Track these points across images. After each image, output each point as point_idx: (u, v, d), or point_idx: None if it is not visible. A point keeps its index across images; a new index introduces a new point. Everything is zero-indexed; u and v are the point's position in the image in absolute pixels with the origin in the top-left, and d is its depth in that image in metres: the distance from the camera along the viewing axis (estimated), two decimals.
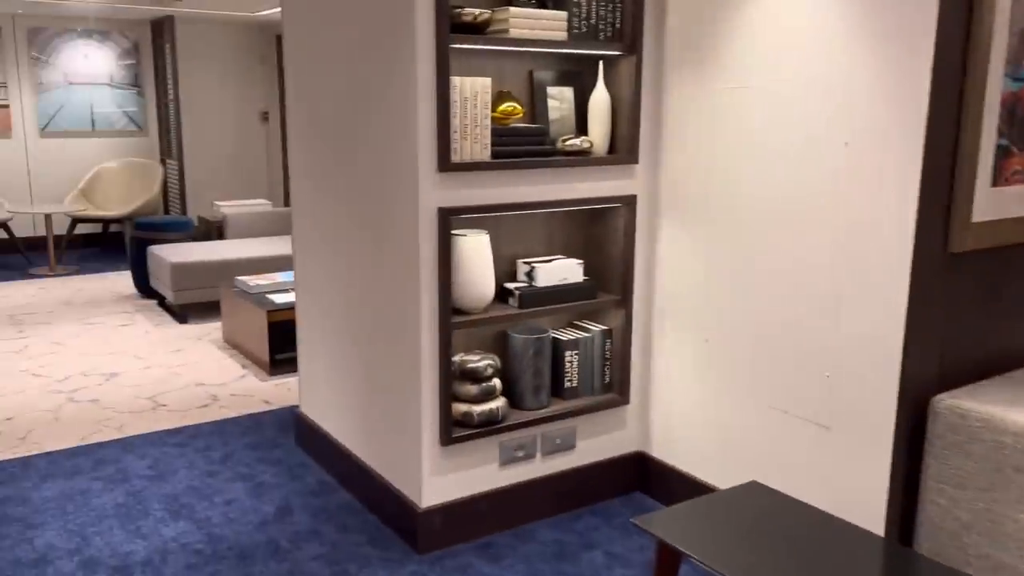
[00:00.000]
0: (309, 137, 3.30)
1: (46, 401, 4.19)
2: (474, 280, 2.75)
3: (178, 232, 6.42)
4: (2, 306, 6.13)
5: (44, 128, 8.35)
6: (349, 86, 2.94)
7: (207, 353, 5.02)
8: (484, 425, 2.82)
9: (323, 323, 3.35)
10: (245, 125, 9.17)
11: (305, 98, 3.30)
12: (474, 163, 2.65)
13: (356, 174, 2.96)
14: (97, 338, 5.32)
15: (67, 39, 8.35)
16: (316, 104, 3.21)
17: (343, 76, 2.97)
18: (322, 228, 3.27)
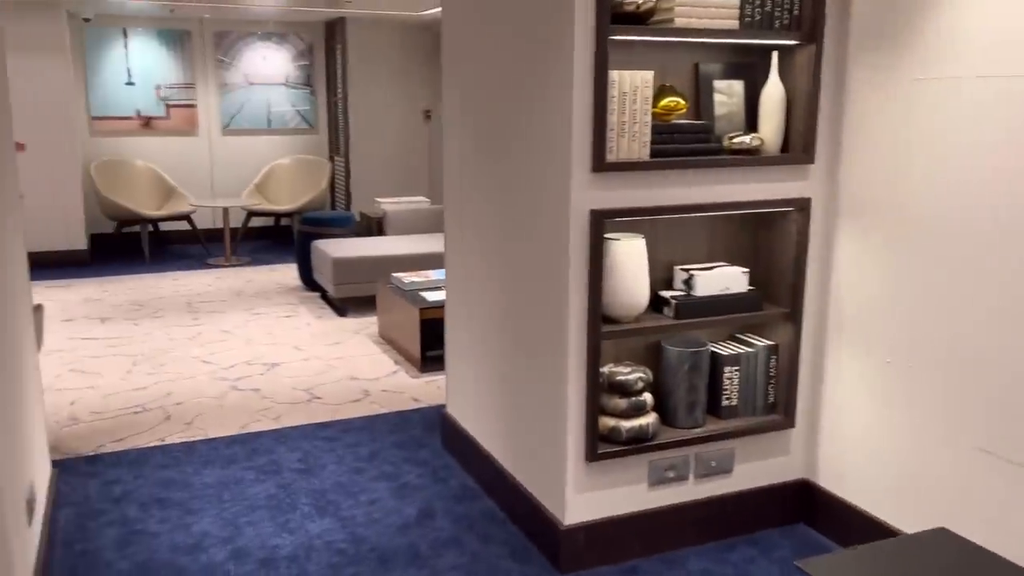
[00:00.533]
0: (462, 135, 3.24)
1: (213, 388, 4.38)
2: (627, 287, 2.58)
3: (340, 227, 6.61)
4: (182, 293, 6.53)
5: (226, 127, 8.88)
6: (503, 81, 2.84)
7: (363, 347, 5.11)
8: (633, 442, 2.64)
9: (470, 324, 3.28)
10: (408, 123, 9.37)
11: (460, 96, 3.24)
12: (631, 162, 2.48)
13: (507, 173, 2.86)
14: (262, 328, 5.54)
15: (248, 42, 8.83)
16: (470, 101, 3.14)
17: (497, 71, 2.88)
18: (472, 227, 3.20)
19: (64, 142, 7.45)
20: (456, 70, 3.26)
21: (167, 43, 8.51)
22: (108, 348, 5.07)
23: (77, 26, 8.13)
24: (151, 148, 8.60)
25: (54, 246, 7.55)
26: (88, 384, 4.42)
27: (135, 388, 4.36)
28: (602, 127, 2.41)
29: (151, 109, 8.54)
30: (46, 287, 6.74)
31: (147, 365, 4.74)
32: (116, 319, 5.75)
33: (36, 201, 7.43)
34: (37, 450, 2.73)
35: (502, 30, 2.81)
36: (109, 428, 3.82)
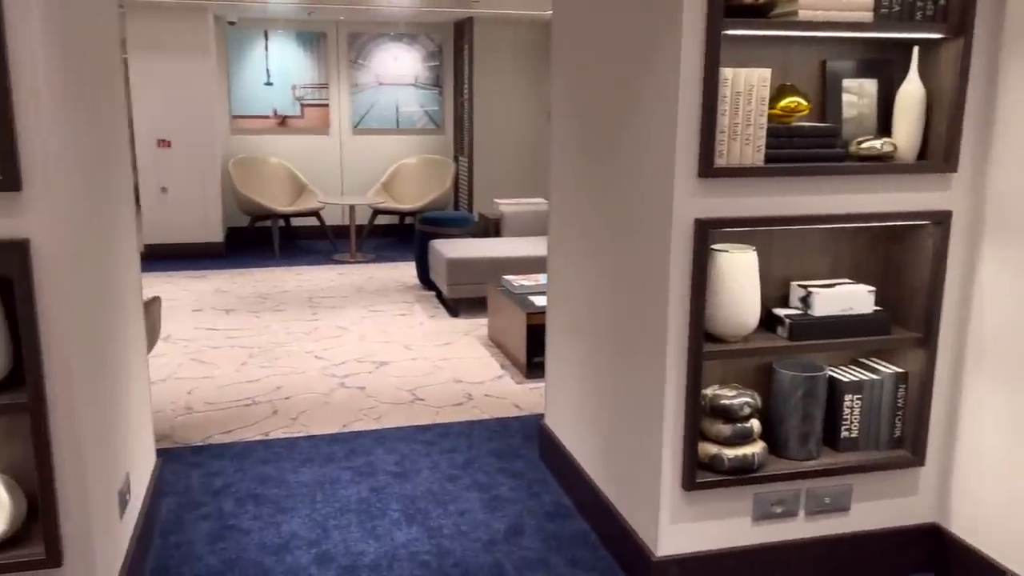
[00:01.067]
0: (567, 136, 3.10)
1: (322, 384, 4.43)
2: (735, 303, 2.37)
3: (458, 227, 6.61)
4: (305, 288, 6.71)
5: (356, 126, 9.09)
6: (607, 80, 2.68)
7: (471, 349, 5.06)
8: (736, 472, 2.43)
9: (570, 334, 3.14)
10: (532, 123, 9.30)
11: (566, 95, 3.10)
12: (743, 168, 2.27)
13: (609, 176, 2.70)
14: (377, 325, 5.59)
15: (380, 43, 9.00)
16: (575, 101, 3.00)
17: (601, 69, 2.72)
18: (574, 232, 3.06)
19: (206, 140, 7.82)
20: (563, 69, 3.12)
21: (304, 44, 8.80)
22: (228, 339, 5.24)
23: (222, 29, 8.52)
24: (285, 146, 8.92)
25: (194, 238, 7.94)
26: (205, 374, 4.56)
27: (248, 380, 4.47)
28: (711, 129, 2.22)
29: (287, 108, 8.86)
30: (183, 277, 7.09)
31: (262, 358, 4.86)
32: (240, 311, 5.95)
33: (179, 195, 7.83)
34: (141, 441, 2.80)
35: (608, 25, 2.65)
36: (219, 419, 3.92)
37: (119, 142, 2.65)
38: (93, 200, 2.23)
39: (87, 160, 2.18)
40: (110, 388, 2.36)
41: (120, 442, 2.46)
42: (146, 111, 7.63)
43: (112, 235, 2.47)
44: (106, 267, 2.37)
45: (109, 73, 2.54)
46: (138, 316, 2.89)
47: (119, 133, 2.66)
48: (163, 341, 5.18)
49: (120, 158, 2.66)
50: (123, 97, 2.77)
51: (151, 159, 7.72)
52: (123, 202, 2.69)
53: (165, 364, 4.73)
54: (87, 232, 2.14)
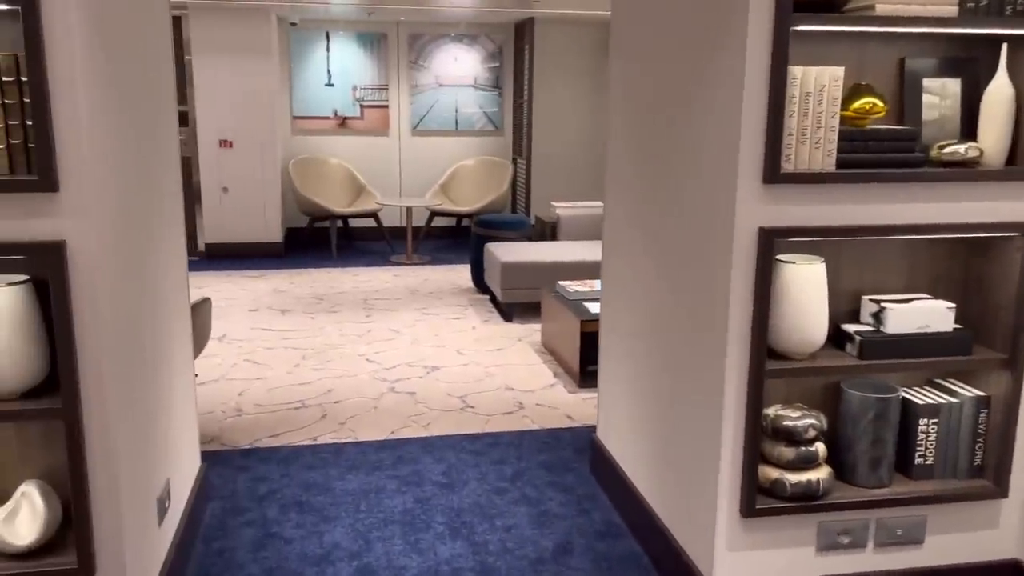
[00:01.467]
0: (624, 138, 2.97)
1: (372, 388, 4.38)
2: (801, 318, 2.21)
3: (514, 231, 6.51)
4: (361, 289, 6.69)
5: (415, 127, 9.07)
6: (667, 80, 2.54)
7: (523, 356, 4.96)
8: (799, 499, 2.27)
9: (623, 344, 3.01)
10: (592, 125, 9.16)
11: (622, 96, 2.97)
12: (812, 173, 2.12)
13: (668, 182, 2.56)
14: (429, 329, 5.53)
15: (440, 44, 8.97)
16: (632, 102, 2.87)
17: (661, 69, 2.59)
18: (629, 239, 2.93)
19: (268, 140, 7.89)
20: (621, 69, 2.99)
21: (365, 46, 8.82)
22: (282, 340, 5.23)
23: (285, 30, 8.60)
24: (345, 147, 8.95)
25: (253, 238, 8.01)
26: (257, 375, 4.56)
27: (299, 383, 4.44)
28: (778, 132, 2.07)
29: (347, 109, 8.89)
30: (242, 276, 7.15)
31: (314, 360, 4.84)
32: (295, 312, 5.96)
33: (239, 195, 7.92)
34: (184, 445, 2.77)
35: (667, 23, 2.52)
36: (268, 422, 3.89)
37: (166, 141, 2.62)
38: (135, 200, 2.19)
39: (129, 160, 2.14)
40: (151, 393, 2.32)
41: (161, 448, 2.42)
42: (209, 112, 7.73)
43: (157, 236, 2.44)
44: (149, 269, 2.33)
45: (157, 72, 2.51)
46: (184, 318, 2.86)
47: (166, 132, 2.63)
48: (217, 341, 5.21)
49: (167, 157, 2.63)
50: (172, 97, 2.74)
51: (213, 159, 7.82)
52: (170, 202, 2.66)
53: (219, 364, 4.74)
54: (127, 233, 2.10)
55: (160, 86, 2.55)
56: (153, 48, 2.47)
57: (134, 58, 2.23)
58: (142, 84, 2.31)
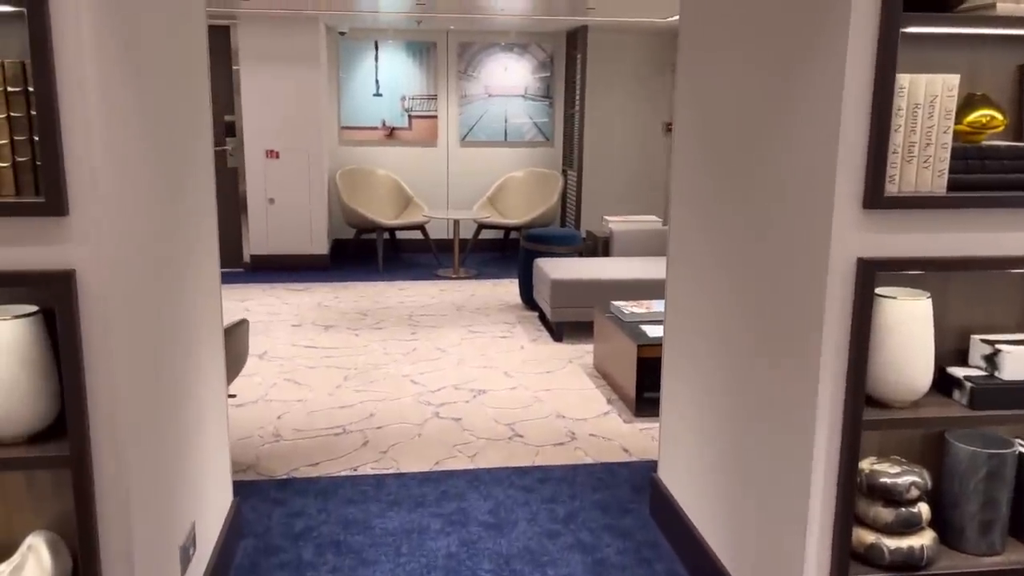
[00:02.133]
0: (695, 153, 2.71)
1: (416, 413, 4.16)
2: (903, 360, 1.93)
3: (564, 246, 6.27)
4: (406, 304, 6.50)
5: (464, 138, 8.89)
6: (748, 90, 2.28)
7: (575, 379, 4.70)
8: (899, 568, 1.98)
9: (690, 375, 2.74)
10: (646, 136, 8.88)
11: (694, 108, 2.71)
12: (920, 197, 1.84)
13: (747, 203, 2.30)
14: (476, 348, 5.31)
15: (490, 53, 8.78)
16: (705, 114, 2.61)
17: (740, 77, 2.33)
18: (699, 263, 2.66)
19: (315, 150, 7.77)
20: (690, 77, 2.74)
21: (414, 55, 8.67)
22: (325, 358, 5.06)
23: (334, 39, 8.49)
24: (392, 158, 8.81)
25: (299, 250, 7.89)
26: (298, 397, 4.38)
27: (341, 406, 4.25)
28: (882, 149, 1.80)
29: (395, 120, 8.74)
30: (286, 290, 7.02)
31: (357, 381, 4.65)
32: (339, 327, 5.79)
33: (285, 207, 7.80)
34: (214, 483, 2.58)
35: (748, 26, 2.26)
36: (307, 449, 3.70)
37: (198, 155, 2.43)
38: (156, 222, 2.00)
39: (150, 178, 1.95)
40: (175, 433, 2.13)
41: (186, 490, 2.22)
42: (256, 122, 7.64)
43: (183, 259, 2.25)
44: (172, 295, 2.14)
45: (189, 82, 2.33)
46: (216, 345, 2.68)
47: (198, 146, 2.45)
48: (258, 358, 5.05)
49: (199, 173, 2.44)
50: (206, 108, 2.56)
51: (259, 170, 7.72)
52: (201, 220, 2.47)
53: (258, 384, 4.58)
54: (145, 260, 1.90)
55: (193, 97, 2.37)
56: (185, 56, 2.29)
57: (160, 66, 2.04)
58: (169, 95, 2.12)
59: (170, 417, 2.08)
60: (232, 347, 3.21)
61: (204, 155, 2.51)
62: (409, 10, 7.28)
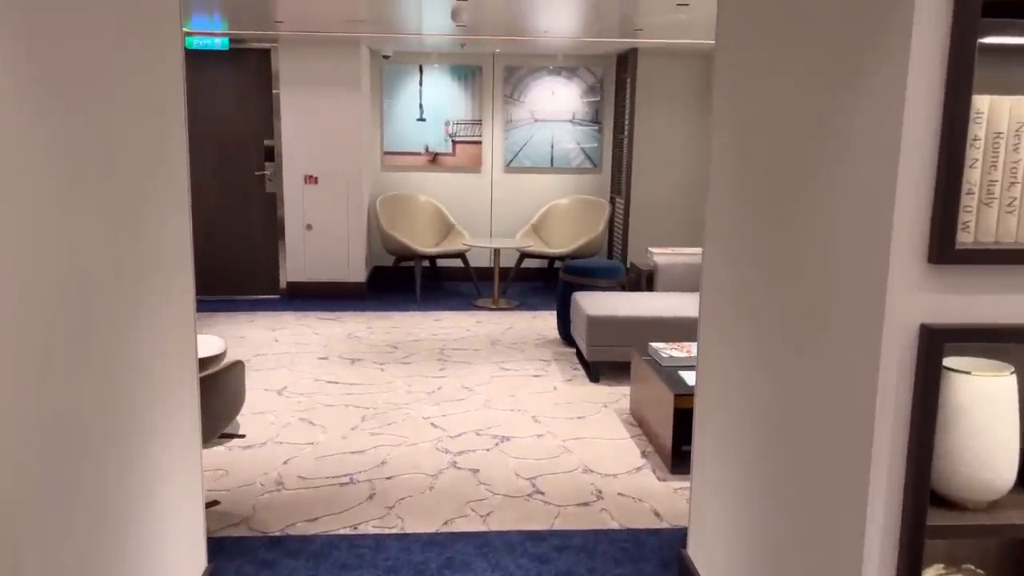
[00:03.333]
0: (729, 189, 2.36)
1: (431, 461, 3.85)
2: (979, 450, 1.55)
3: (606, 279, 5.91)
4: (439, 337, 6.22)
5: (508, 164, 8.63)
6: (788, 119, 1.93)
7: (608, 426, 4.34)
8: None
9: (723, 437, 2.37)
10: (697, 164, 8.49)
11: (729, 136, 2.37)
12: (1002, 250, 1.46)
13: (788, 247, 1.94)
14: (506, 388, 4.98)
15: (537, 77, 8.52)
16: (743, 143, 2.26)
17: (780, 104, 1.98)
18: (733, 310, 2.30)
19: (354, 176, 7.59)
20: (726, 105, 2.40)
21: (458, 79, 8.46)
22: (345, 396, 4.79)
23: (377, 63, 8.34)
24: (435, 184, 8.59)
25: (336, 277, 7.70)
26: (310, 439, 4.10)
27: (352, 450, 3.96)
28: (953, 190, 1.43)
29: (438, 145, 8.53)
30: (318, 318, 6.81)
31: (374, 422, 4.36)
32: (366, 361, 5.52)
33: (323, 233, 7.62)
34: (172, 549, 2.30)
35: (792, 42, 1.91)
36: (309, 502, 3.41)
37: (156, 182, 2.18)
38: (79, 267, 1.73)
39: (67, 210, 1.69)
40: (113, 519, 1.85)
41: (126, 568, 1.94)
42: (295, 147, 7.49)
43: (136, 302, 1.98)
44: (110, 347, 1.87)
45: (146, 110, 2.08)
46: (188, 396, 2.41)
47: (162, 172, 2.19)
48: (277, 394, 4.81)
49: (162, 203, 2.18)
50: (174, 134, 2.31)
51: (298, 195, 7.57)
52: (166, 256, 2.21)
53: (271, 423, 4.33)
54: (50, 311, 1.64)
55: (155, 124, 2.12)
56: (142, 81, 2.04)
57: (95, 93, 1.79)
58: (111, 124, 1.87)
59: (104, 499, 1.81)
60: (222, 391, 2.95)
61: (169, 180, 2.25)
62: (453, 33, 7.07)
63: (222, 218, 7.58)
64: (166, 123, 2.20)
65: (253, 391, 4.86)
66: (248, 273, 7.69)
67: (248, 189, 7.57)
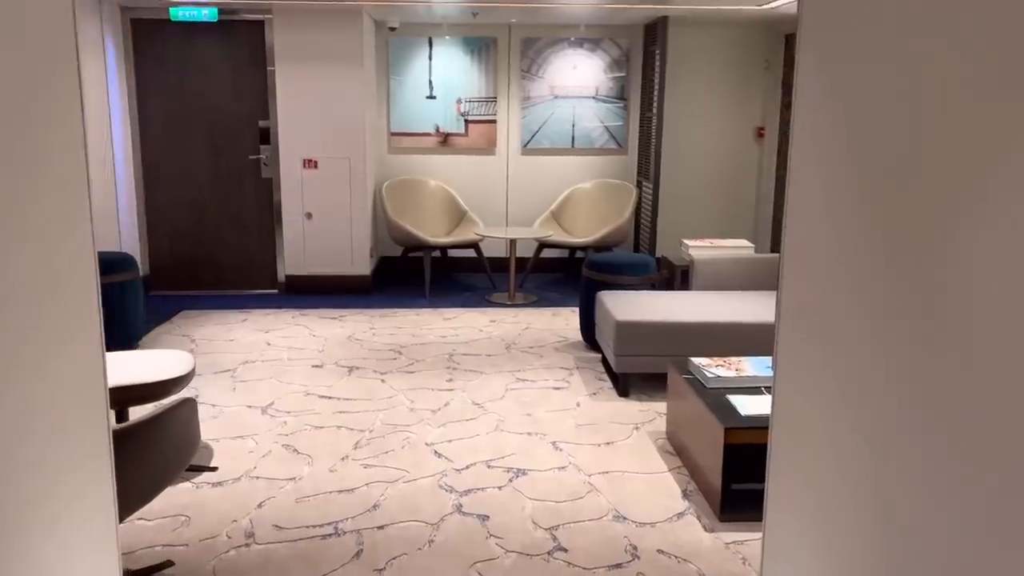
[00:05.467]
0: (833, 191, 1.71)
1: (432, 504, 3.24)
2: None
3: (634, 275, 5.26)
4: (448, 340, 5.60)
5: (526, 145, 7.96)
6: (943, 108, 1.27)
7: (641, 455, 3.71)
8: None
9: (820, 489, 1.74)
10: (734, 144, 7.78)
11: (835, 119, 1.71)
12: None
13: (934, 279, 1.29)
14: (521, 404, 4.36)
15: (557, 50, 7.82)
16: (860, 128, 1.60)
17: (928, 87, 1.32)
18: (835, 331, 1.66)
19: (357, 160, 6.96)
20: (827, 80, 1.73)
21: (471, 52, 7.78)
22: (338, 415, 4.19)
23: (382, 37, 7.68)
24: (446, 167, 7.94)
25: (338, 270, 7.09)
26: (292, 473, 3.51)
27: (341, 488, 3.36)
28: None
29: (450, 125, 7.87)
30: (318, 317, 6.21)
31: (369, 450, 3.76)
32: (365, 370, 4.92)
33: (324, 222, 7.01)
34: None
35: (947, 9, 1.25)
36: (281, 562, 2.82)
37: (46, 196, 1.56)
38: None
39: None
40: None
41: None
42: (292, 128, 6.86)
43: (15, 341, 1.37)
44: None
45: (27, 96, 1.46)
46: (95, 455, 1.80)
47: (49, 175, 1.58)
48: (261, 412, 4.22)
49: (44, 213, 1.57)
50: (72, 126, 1.69)
51: (295, 181, 6.94)
52: (56, 283, 1.60)
53: (249, 452, 3.74)
54: None
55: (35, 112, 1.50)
56: None
57: None
58: None
59: None
60: (161, 441, 2.35)
61: (60, 182, 1.63)
62: (464, 0, 6.39)
63: (213, 207, 6.98)
64: (50, 109, 1.58)
65: (234, 408, 4.27)
66: (243, 266, 7.09)
67: (242, 175, 6.96)
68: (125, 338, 5.21)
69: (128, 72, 6.70)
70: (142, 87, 6.77)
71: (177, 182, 6.93)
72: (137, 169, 6.83)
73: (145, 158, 6.86)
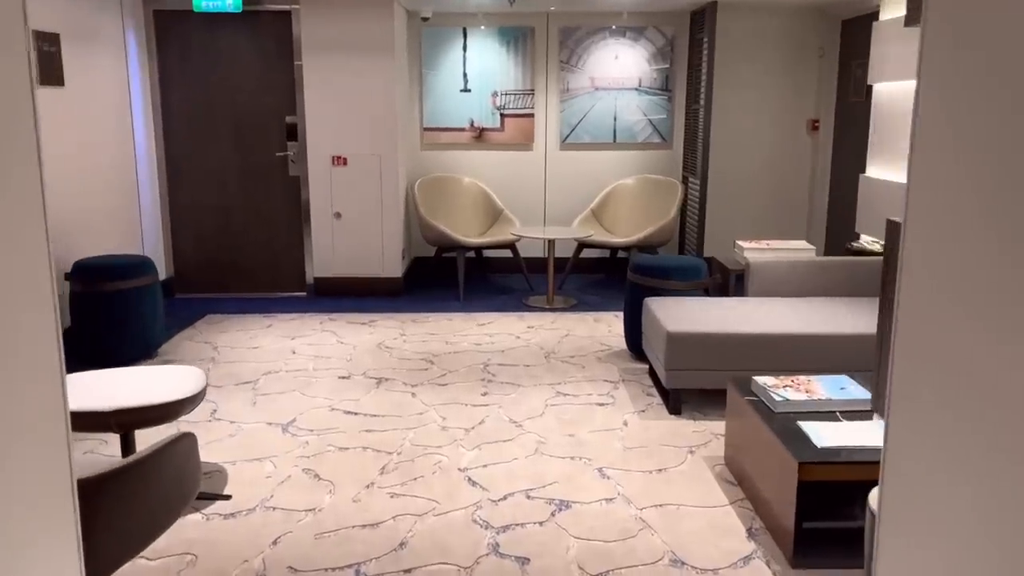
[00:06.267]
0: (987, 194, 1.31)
1: (466, 542, 2.90)
2: None
3: (684, 280, 4.86)
4: (483, 349, 5.25)
5: (565, 139, 7.57)
6: None
7: (698, 485, 3.32)
8: None
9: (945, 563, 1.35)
10: (787, 138, 7.33)
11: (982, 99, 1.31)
12: None
13: None
14: (563, 422, 4.00)
15: (598, 39, 7.42)
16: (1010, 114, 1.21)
17: None
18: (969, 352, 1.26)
19: (388, 156, 6.63)
20: (977, 56, 1.34)
21: (508, 43, 7.42)
22: (364, 434, 3.86)
23: (415, 27, 7.34)
24: (481, 163, 7.59)
25: (368, 272, 6.78)
26: (311, 503, 3.19)
27: (364, 523, 3.03)
28: None
29: (485, 119, 7.52)
30: (348, 323, 5.90)
31: (396, 476, 3.42)
32: (395, 382, 4.59)
33: (354, 222, 6.70)
34: None
35: None
36: None
37: None
38: None
39: None
40: None
41: None
42: (320, 123, 6.56)
43: None
44: None
45: None
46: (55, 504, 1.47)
47: None
48: (282, 430, 3.91)
49: None
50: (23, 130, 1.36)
51: (324, 179, 6.64)
52: None
53: (267, 477, 3.42)
54: None
55: None
56: None
57: None
58: None
59: None
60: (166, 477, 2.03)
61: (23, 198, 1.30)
62: None
63: (239, 206, 6.71)
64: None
65: (253, 426, 3.96)
66: (269, 268, 6.81)
67: (268, 173, 6.67)
68: (143, 346, 4.94)
69: (150, 66, 6.44)
70: (165, 82, 6.51)
71: (201, 180, 6.66)
72: (160, 167, 6.58)
73: (168, 156, 6.60)
